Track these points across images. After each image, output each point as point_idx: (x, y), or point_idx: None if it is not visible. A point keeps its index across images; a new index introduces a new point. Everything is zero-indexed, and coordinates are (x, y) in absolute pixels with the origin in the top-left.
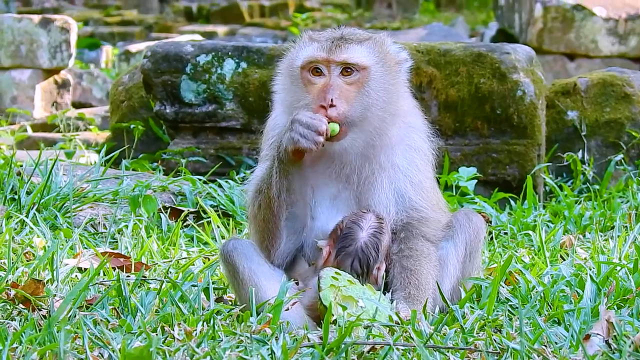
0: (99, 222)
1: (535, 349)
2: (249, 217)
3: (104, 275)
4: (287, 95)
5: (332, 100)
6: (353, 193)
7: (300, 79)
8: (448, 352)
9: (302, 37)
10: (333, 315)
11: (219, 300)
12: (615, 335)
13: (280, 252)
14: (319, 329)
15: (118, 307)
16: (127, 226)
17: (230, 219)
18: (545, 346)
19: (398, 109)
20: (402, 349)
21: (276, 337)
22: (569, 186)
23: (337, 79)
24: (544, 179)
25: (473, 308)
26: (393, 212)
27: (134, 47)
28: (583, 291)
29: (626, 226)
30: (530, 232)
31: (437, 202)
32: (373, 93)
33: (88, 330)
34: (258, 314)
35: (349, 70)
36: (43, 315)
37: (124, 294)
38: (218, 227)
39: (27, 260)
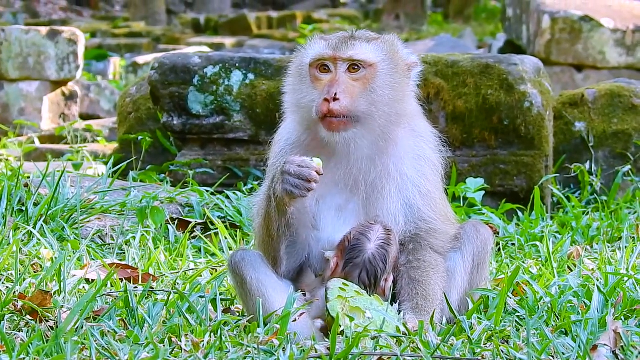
0: (107, 234)
1: None
2: (255, 231)
3: (112, 286)
4: (295, 94)
5: (335, 94)
6: (361, 202)
7: (309, 76)
8: None
9: (313, 37)
10: (340, 326)
11: (226, 311)
12: (622, 346)
13: (282, 270)
14: (327, 340)
15: (125, 319)
16: (134, 237)
17: (238, 230)
18: (553, 357)
19: (405, 109)
20: None
21: (283, 348)
22: (577, 197)
23: (343, 75)
24: (552, 190)
25: (480, 319)
26: (402, 223)
27: (141, 59)
28: (590, 302)
29: (634, 237)
30: (538, 243)
31: (446, 214)
32: (379, 90)
33: (95, 341)
34: (265, 325)
35: (356, 67)
36: (50, 327)
37: (131, 305)
38: (225, 238)
39: (35, 272)
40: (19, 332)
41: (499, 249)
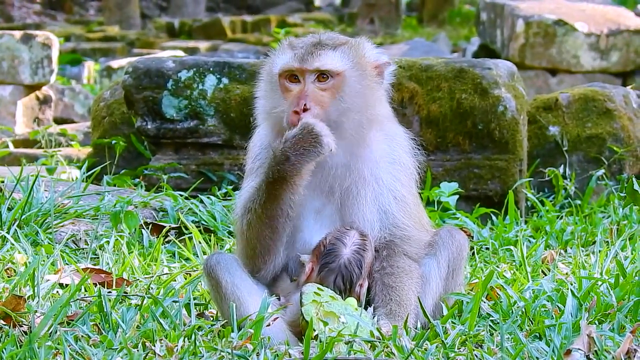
0: (80, 238)
1: None
2: (238, 234)
3: (85, 291)
4: (267, 101)
5: (304, 105)
6: (337, 207)
7: (278, 85)
8: None
9: (282, 44)
10: (315, 330)
11: (200, 315)
12: (596, 350)
13: (274, 265)
14: (301, 344)
15: (99, 323)
16: (108, 242)
17: (212, 234)
18: None
19: (377, 114)
20: None
21: (257, 352)
22: (551, 201)
23: (311, 86)
24: (526, 194)
25: (454, 323)
26: (377, 229)
27: (115, 63)
28: (564, 306)
29: (607, 241)
30: (512, 247)
31: (420, 220)
32: (348, 98)
33: (69, 346)
34: (239, 330)
35: (324, 76)
36: (24, 332)
37: (105, 310)
38: (199, 243)
39: (8, 276)
40: None
41: (473, 253)
